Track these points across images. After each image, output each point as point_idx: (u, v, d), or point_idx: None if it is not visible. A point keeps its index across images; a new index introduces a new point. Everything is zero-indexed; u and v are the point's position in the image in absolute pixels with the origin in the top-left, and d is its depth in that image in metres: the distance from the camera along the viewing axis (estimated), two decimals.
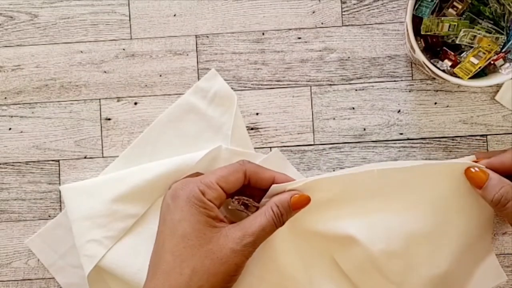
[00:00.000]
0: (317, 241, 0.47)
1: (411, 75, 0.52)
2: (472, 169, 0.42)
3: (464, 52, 0.47)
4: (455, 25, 0.46)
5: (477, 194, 0.43)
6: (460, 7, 0.46)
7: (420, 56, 0.45)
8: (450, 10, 0.46)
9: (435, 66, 0.46)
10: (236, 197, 0.43)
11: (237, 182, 0.41)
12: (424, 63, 0.45)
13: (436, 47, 0.48)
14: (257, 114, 0.52)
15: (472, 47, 0.46)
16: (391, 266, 0.46)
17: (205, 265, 0.37)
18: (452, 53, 0.47)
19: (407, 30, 0.45)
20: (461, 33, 0.45)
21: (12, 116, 0.52)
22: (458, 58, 0.47)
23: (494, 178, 0.40)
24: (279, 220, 0.40)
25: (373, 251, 0.45)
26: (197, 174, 0.46)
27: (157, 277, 0.38)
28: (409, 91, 0.52)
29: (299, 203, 0.42)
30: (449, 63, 0.47)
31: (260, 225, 0.39)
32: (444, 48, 0.47)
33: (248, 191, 0.44)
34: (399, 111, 0.52)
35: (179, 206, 0.39)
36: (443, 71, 0.46)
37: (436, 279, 0.46)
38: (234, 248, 0.38)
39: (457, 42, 0.46)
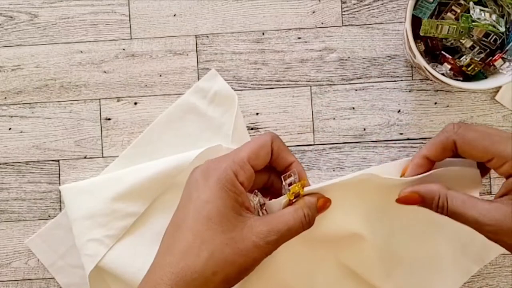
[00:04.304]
0: (319, 243, 0.47)
1: (411, 75, 0.52)
2: (404, 198, 0.40)
3: (464, 56, 0.47)
4: (454, 28, 0.46)
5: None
6: (458, 11, 0.46)
7: (421, 61, 0.45)
8: (449, 14, 0.46)
9: (436, 70, 0.46)
10: (255, 192, 0.41)
11: (267, 158, 0.39)
12: (426, 68, 0.45)
13: (435, 50, 0.48)
14: (257, 114, 0.52)
15: (474, 46, 0.46)
16: (394, 258, 0.47)
17: (223, 252, 0.36)
18: (450, 57, 0.47)
19: (407, 36, 0.45)
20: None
21: (12, 116, 0.52)
22: (457, 62, 0.47)
23: (425, 193, 0.38)
24: (309, 222, 0.39)
25: (378, 245, 0.46)
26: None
27: (173, 253, 0.36)
28: (409, 91, 0.52)
29: (324, 205, 0.40)
30: (449, 66, 0.47)
31: (287, 224, 0.37)
32: (442, 52, 0.47)
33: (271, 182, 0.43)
34: (399, 111, 0.52)
35: (209, 185, 0.37)
36: (443, 74, 0.46)
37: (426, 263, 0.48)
38: (257, 242, 0.36)
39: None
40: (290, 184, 0.39)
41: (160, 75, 0.52)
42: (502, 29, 0.45)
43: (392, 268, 0.48)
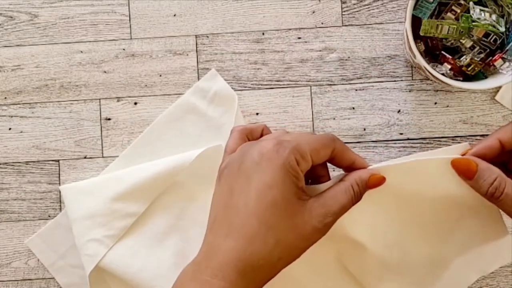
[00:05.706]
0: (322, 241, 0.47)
1: (411, 75, 0.52)
2: (459, 160, 0.40)
3: (464, 56, 0.47)
4: (454, 28, 0.46)
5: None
6: (458, 11, 0.46)
7: (421, 61, 0.45)
8: (449, 14, 0.46)
9: (436, 70, 0.46)
10: None
11: (324, 158, 0.39)
12: (426, 68, 0.45)
13: (435, 50, 0.48)
14: (257, 114, 0.52)
15: (474, 46, 0.46)
16: (390, 259, 0.46)
17: (288, 238, 0.36)
18: (450, 57, 0.47)
19: (407, 36, 0.45)
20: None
21: (12, 116, 0.52)
22: (457, 62, 0.47)
23: (484, 169, 0.38)
24: (358, 199, 0.39)
25: (380, 249, 0.45)
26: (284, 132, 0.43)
27: (235, 238, 0.35)
28: (409, 91, 0.52)
29: (376, 182, 0.40)
30: (449, 66, 0.47)
31: (341, 203, 0.38)
32: (442, 52, 0.47)
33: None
34: (399, 111, 0.52)
35: (272, 169, 0.36)
36: (443, 74, 0.46)
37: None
38: (317, 226, 0.36)
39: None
40: None
41: (160, 75, 0.52)
42: (502, 29, 0.45)
43: (391, 274, 0.47)
